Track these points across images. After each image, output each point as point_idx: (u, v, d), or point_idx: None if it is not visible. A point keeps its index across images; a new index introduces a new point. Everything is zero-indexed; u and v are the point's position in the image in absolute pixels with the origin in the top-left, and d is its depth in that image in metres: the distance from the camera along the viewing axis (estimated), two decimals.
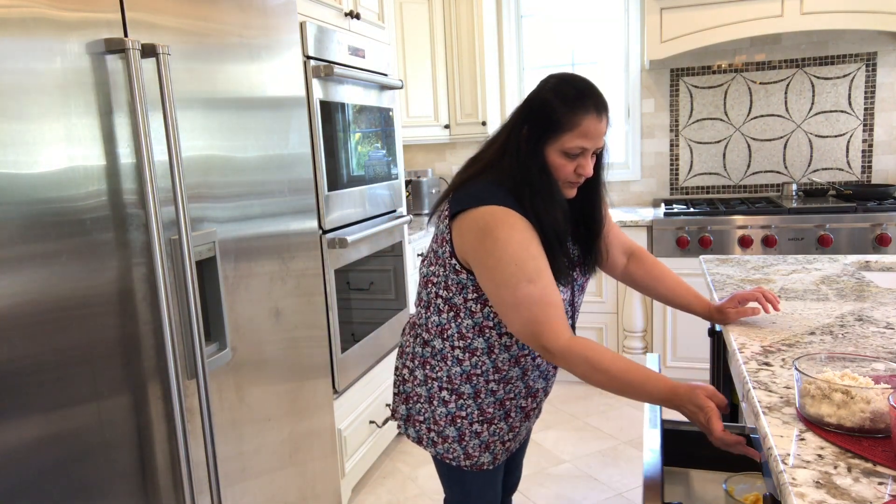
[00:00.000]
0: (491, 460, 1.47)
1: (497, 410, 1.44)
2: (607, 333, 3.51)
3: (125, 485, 1.27)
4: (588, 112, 1.26)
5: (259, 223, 1.69)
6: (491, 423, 1.44)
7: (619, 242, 1.59)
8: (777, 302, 1.42)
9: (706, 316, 1.51)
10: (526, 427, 1.54)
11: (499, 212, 1.26)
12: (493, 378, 1.41)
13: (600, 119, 1.27)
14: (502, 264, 1.24)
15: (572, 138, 1.27)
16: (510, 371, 1.41)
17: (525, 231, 1.26)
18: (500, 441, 1.47)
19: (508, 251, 1.24)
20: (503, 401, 1.44)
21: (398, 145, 2.99)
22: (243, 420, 1.64)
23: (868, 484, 0.79)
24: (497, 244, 1.24)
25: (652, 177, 3.91)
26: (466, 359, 1.40)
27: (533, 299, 1.23)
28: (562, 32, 4.02)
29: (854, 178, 3.62)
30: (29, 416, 1.08)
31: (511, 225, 1.25)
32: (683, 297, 1.54)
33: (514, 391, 1.44)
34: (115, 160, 1.24)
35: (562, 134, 1.27)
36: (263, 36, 1.70)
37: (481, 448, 1.45)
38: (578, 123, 1.26)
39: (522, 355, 1.41)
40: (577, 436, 3.02)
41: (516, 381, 1.43)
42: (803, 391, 0.96)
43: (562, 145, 1.27)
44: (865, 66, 3.52)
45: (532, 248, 1.25)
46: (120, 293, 1.26)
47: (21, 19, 1.06)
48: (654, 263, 1.59)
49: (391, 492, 2.60)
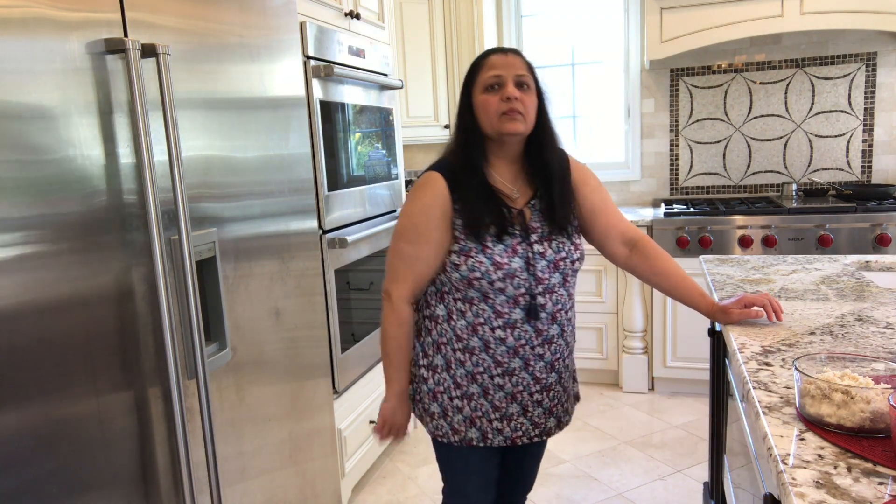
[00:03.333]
0: (479, 437, 1.47)
1: (471, 384, 1.45)
2: (607, 333, 3.52)
3: (125, 485, 1.27)
4: (493, 53, 1.43)
5: (259, 223, 1.69)
6: (471, 399, 1.46)
7: (619, 232, 1.55)
8: (781, 312, 1.42)
9: (709, 314, 1.50)
10: (520, 412, 1.47)
11: (426, 176, 1.44)
12: (457, 347, 1.45)
13: (506, 55, 1.42)
14: (402, 218, 1.45)
15: (484, 72, 1.41)
16: (470, 340, 1.44)
17: (435, 198, 1.40)
18: (486, 419, 1.47)
19: (411, 210, 1.43)
20: (474, 374, 1.45)
21: (398, 145, 2.99)
22: (243, 420, 1.64)
23: (868, 484, 0.79)
24: (408, 202, 1.45)
25: (652, 177, 3.92)
26: (434, 327, 1.48)
27: (401, 255, 1.44)
28: (562, 32, 4.02)
29: (854, 178, 3.62)
30: (29, 416, 1.08)
31: (425, 189, 1.42)
32: (687, 294, 1.52)
33: (481, 364, 1.44)
34: (115, 160, 1.24)
35: (477, 76, 1.43)
36: (263, 36, 1.70)
37: (467, 423, 1.47)
38: (486, 61, 1.43)
39: (478, 324, 1.42)
40: (577, 436, 3.02)
41: (480, 352, 1.44)
42: (803, 391, 0.96)
43: (481, 83, 1.41)
44: (865, 66, 3.52)
45: (431, 213, 1.40)
46: (120, 293, 1.26)
47: (21, 19, 1.06)
48: (658, 257, 1.54)
49: (391, 492, 2.60)
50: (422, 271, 1.43)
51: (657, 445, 2.90)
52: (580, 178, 1.53)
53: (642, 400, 3.39)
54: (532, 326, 1.43)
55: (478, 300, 1.41)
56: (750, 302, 1.43)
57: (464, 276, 1.39)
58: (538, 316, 1.42)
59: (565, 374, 1.53)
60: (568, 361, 1.54)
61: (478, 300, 1.41)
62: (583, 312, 3.53)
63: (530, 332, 1.43)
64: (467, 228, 1.39)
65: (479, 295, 1.40)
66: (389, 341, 1.48)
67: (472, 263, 1.38)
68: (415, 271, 1.43)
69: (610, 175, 3.96)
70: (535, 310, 1.41)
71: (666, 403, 3.33)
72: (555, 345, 1.47)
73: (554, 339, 1.46)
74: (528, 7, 4.03)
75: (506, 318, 1.41)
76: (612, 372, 3.59)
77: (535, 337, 1.44)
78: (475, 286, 1.39)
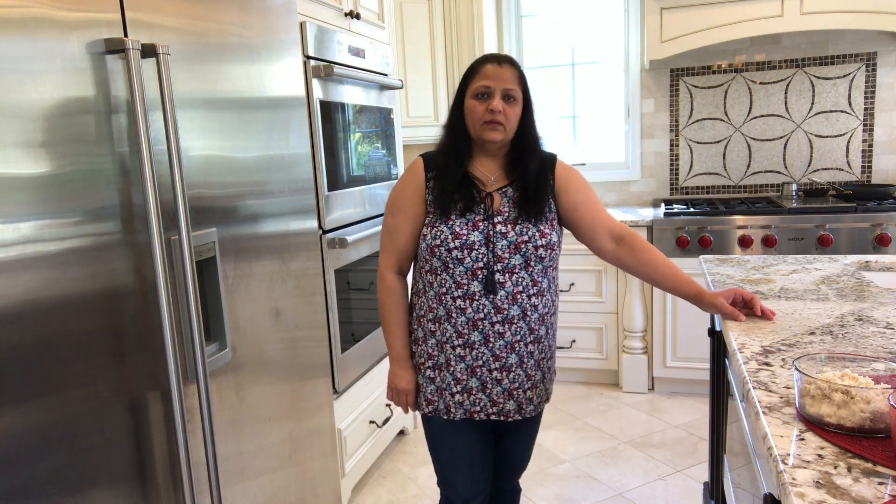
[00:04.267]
0: (444, 409, 1.60)
1: (440, 355, 1.58)
2: (607, 333, 3.52)
3: (125, 485, 1.27)
4: (488, 62, 1.54)
5: (259, 223, 1.69)
6: (441, 370, 1.59)
7: (606, 228, 1.63)
8: (771, 315, 1.46)
9: (694, 299, 1.56)
10: (479, 387, 1.57)
11: (413, 161, 1.63)
12: (429, 318, 1.59)
13: (500, 66, 1.52)
14: (389, 196, 1.65)
15: (477, 80, 1.53)
16: (438, 310, 1.57)
17: (411, 176, 1.60)
18: (448, 392, 1.59)
19: (394, 189, 1.64)
20: (441, 343, 1.58)
21: (398, 145, 2.99)
22: (243, 420, 1.64)
23: (868, 484, 0.79)
24: (396, 183, 1.67)
25: (652, 177, 3.92)
26: (416, 302, 1.64)
27: (386, 227, 1.63)
28: (562, 32, 4.02)
29: (854, 178, 3.62)
30: (29, 417, 1.08)
31: (407, 170, 1.62)
32: (675, 282, 1.59)
33: (445, 334, 1.57)
34: (115, 160, 1.24)
35: (471, 81, 1.54)
36: (263, 36, 1.70)
37: (438, 394, 1.60)
38: (480, 69, 1.54)
39: (442, 293, 1.55)
40: (577, 436, 3.02)
41: (444, 321, 1.56)
42: (803, 391, 0.96)
43: (472, 90, 1.53)
44: (865, 66, 3.52)
45: (407, 191, 1.60)
46: (120, 293, 1.26)
47: (21, 19, 1.06)
48: (645, 249, 1.61)
49: (391, 492, 2.60)
50: (401, 242, 1.61)
51: (657, 445, 2.90)
52: (565, 176, 1.63)
53: (642, 400, 3.39)
54: (490, 302, 1.53)
55: (440, 269, 1.55)
56: (742, 300, 1.47)
57: (428, 244, 1.54)
58: (495, 291, 1.53)
59: (528, 360, 1.60)
60: (532, 349, 1.60)
61: (440, 269, 1.55)
62: (583, 312, 3.53)
63: (488, 306, 1.53)
64: (436, 202, 1.55)
65: (441, 265, 1.54)
66: (381, 307, 1.65)
67: (434, 232, 1.54)
68: (395, 242, 1.61)
69: (610, 175, 3.96)
70: (493, 285, 1.52)
71: (666, 403, 3.33)
72: (515, 326, 1.55)
73: (514, 321, 1.55)
74: (528, 7, 4.03)
75: (465, 288, 1.53)
76: (612, 372, 3.59)
77: (493, 313, 1.54)
78: (436, 254, 1.53)
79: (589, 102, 4.05)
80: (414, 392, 1.64)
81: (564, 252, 3.27)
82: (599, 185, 3.96)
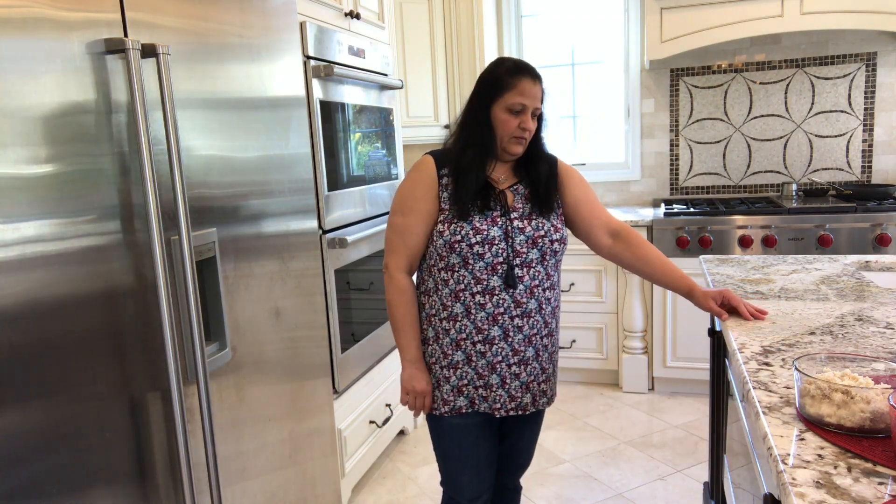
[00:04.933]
0: (468, 404, 1.59)
1: (455, 352, 1.58)
2: (607, 333, 3.52)
3: (125, 485, 1.27)
4: (525, 76, 1.54)
5: (259, 223, 1.69)
6: (457, 368, 1.58)
7: (603, 223, 1.68)
8: (761, 315, 1.48)
9: (686, 293, 1.61)
10: (499, 384, 1.58)
11: (420, 159, 1.61)
12: (443, 316, 1.58)
13: (535, 83, 1.54)
14: (395, 196, 1.62)
15: (514, 96, 1.53)
16: (454, 307, 1.56)
17: (421, 174, 1.58)
18: (472, 386, 1.59)
19: (402, 187, 1.61)
20: (458, 341, 1.57)
21: (398, 145, 2.99)
22: (243, 420, 1.64)
23: (868, 484, 0.79)
24: (402, 182, 1.62)
25: (652, 177, 3.92)
26: (426, 301, 1.62)
27: (395, 228, 1.59)
28: (562, 32, 4.02)
29: (854, 178, 3.62)
30: (29, 417, 1.08)
31: (416, 169, 1.60)
32: (670, 278, 1.64)
33: (464, 330, 1.56)
34: (115, 160, 1.24)
35: (505, 93, 1.53)
36: (263, 36, 1.70)
37: (454, 393, 1.59)
38: (517, 84, 1.53)
39: (460, 290, 1.55)
40: (577, 436, 3.02)
41: (462, 318, 1.56)
42: (803, 391, 0.96)
43: (506, 102, 1.53)
44: (865, 66, 3.52)
45: (418, 190, 1.57)
46: (120, 293, 1.26)
47: (21, 19, 1.06)
48: (640, 245, 1.66)
49: (391, 492, 2.60)
50: (413, 242, 1.58)
51: (657, 445, 2.90)
52: (566, 175, 1.68)
53: (642, 400, 3.39)
54: (510, 296, 1.54)
55: (458, 266, 1.54)
56: (730, 305, 1.51)
57: (447, 241, 1.53)
58: (515, 285, 1.54)
59: (543, 353, 1.63)
60: (546, 342, 1.63)
61: (458, 266, 1.54)
62: (583, 312, 3.53)
63: (508, 300, 1.55)
64: (454, 201, 1.55)
65: (459, 261, 1.53)
66: (393, 309, 1.61)
67: (454, 228, 1.53)
68: (407, 242, 1.58)
69: (610, 175, 3.96)
70: (513, 279, 1.53)
71: (666, 403, 3.33)
72: (532, 319, 1.58)
73: (532, 314, 1.57)
74: (528, 7, 4.03)
75: (484, 283, 1.54)
76: (612, 372, 3.59)
77: (513, 307, 1.55)
78: (456, 250, 1.52)
79: (589, 102, 4.05)
80: (431, 393, 1.63)
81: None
82: (599, 185, 3.96)
